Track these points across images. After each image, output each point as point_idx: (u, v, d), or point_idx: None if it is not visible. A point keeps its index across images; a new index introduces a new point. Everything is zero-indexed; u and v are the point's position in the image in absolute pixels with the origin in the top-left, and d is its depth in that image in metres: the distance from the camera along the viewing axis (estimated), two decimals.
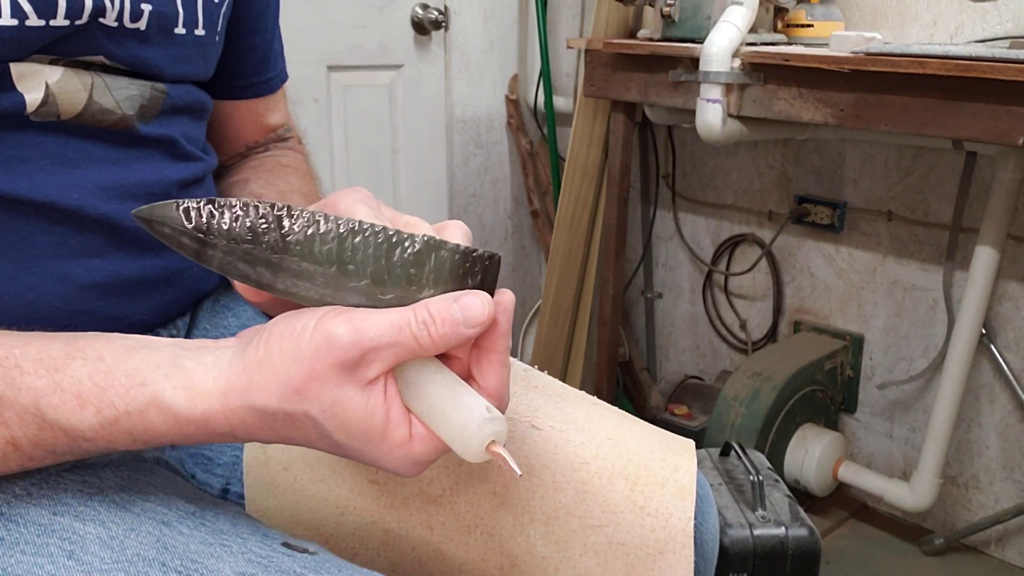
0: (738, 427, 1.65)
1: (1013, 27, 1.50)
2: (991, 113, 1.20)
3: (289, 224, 0.45)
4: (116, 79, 0.59)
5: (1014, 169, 1.47)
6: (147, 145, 0.62)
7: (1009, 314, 1.63)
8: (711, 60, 1.44)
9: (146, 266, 0.61)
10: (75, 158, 0.57)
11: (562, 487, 0.54)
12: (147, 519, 0.49)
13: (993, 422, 1.69)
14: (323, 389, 0.43)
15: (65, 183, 0.56)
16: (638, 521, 0.53)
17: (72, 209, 0.56)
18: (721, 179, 2.03)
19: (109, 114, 0.58)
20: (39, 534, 0.47)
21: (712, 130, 1.49)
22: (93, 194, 0.57)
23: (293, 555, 0.48)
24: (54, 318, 0.56)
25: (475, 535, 0.54)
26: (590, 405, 0.59)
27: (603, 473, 0.54)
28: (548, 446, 0.55)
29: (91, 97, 0.57)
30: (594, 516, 0.53)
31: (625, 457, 0.55)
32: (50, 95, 0.55)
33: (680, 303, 2.19)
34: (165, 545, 0.47)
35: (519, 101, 2.28)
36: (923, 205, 1.71)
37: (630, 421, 0.59)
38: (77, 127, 0.57)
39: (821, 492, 1.76)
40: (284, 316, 0.46)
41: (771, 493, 1.24)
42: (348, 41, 1.91)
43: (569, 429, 0.56)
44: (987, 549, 1.72)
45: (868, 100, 1.32)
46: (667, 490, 0.54)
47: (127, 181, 0.60)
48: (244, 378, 0.45)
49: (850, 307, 1.86)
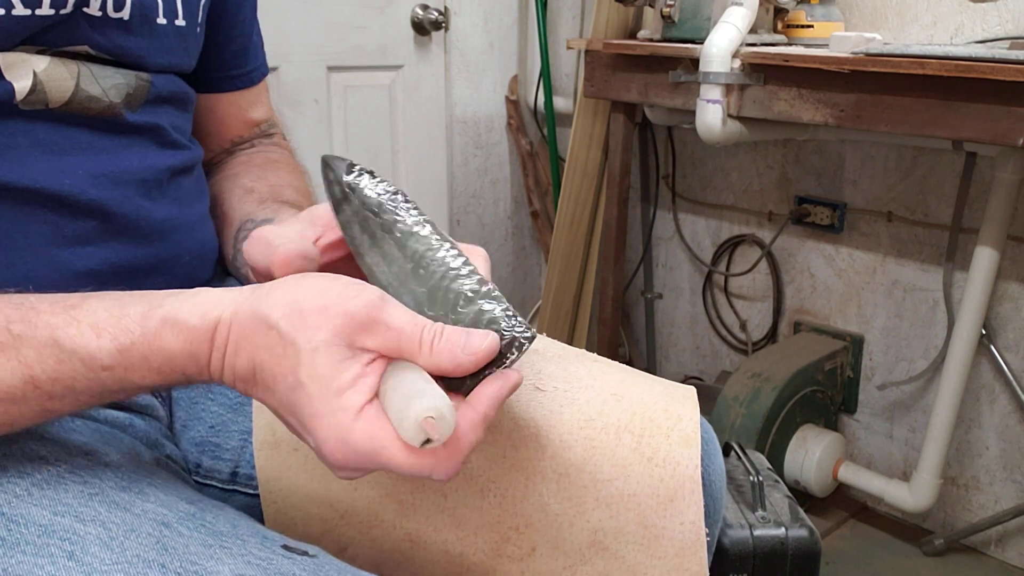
0: (738, 427, 1.65)
1: (1013, 28, 1.50)
2: (991, 114, 1.20)
3: (404, 215, 0.52)
4: (102, 68, 0.60)
5: (1014, 170, 1.47)
6: (134, 133, 0.63)
7: (1009, 315, 1.63)
8: (711, 61, 1.44)
9: (138, 254, 0.62)
10: (64, 145, 0.58)
11: (570, 445, 0.55)
12: (147, 520, 0.49)
13: (993, 423, 1.69)
14: (322, 324, 0.45)
15: (55, 170, 0.57)
16: (647, 472, 0.54)
17: (63, 196, 0.57)
18: (721, 180, 2.03)
19: (96, 101, 0.59)
20: (39, 534, 0.47)
21: (712, 131, 1.49)
22: (84, 180, 0.58)
23: (292, 557, 0.49)
24: None
25: (488, 498, 0.55)
26: (591, 362, 0.61)
27: (609, 428, 0.55)
28: (553, 406, 0.56)
29: (78, 85, 0.58)
30: (604, 471, 0.54)
31: (630, 411, 0.56)
32: (38, 83, 0.56)
33: (680, 304, 2.19)
34: (165, 546, 0.47)
35: (519, 102, 2.28)
36: (923, 206, 1.71)
37: (632, 375, 0.60)
38: (65, 115, 0.58)
39: (821, 493, 1.76)
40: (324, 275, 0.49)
41: (771, 494, 1.24)
42: (348, 42, 1.91)
43: (572, 388, 0.57)
44: (987, 550, 1.72)
45: (868, 101, 1.32)
46: (672, 440, 0.55)
47: (116, 168, 0.60)
48: (264, 291, 0.47)
49: (850, 308, 1.86)
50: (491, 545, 0.55)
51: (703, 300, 2.13)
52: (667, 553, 0.54)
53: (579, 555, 0.55)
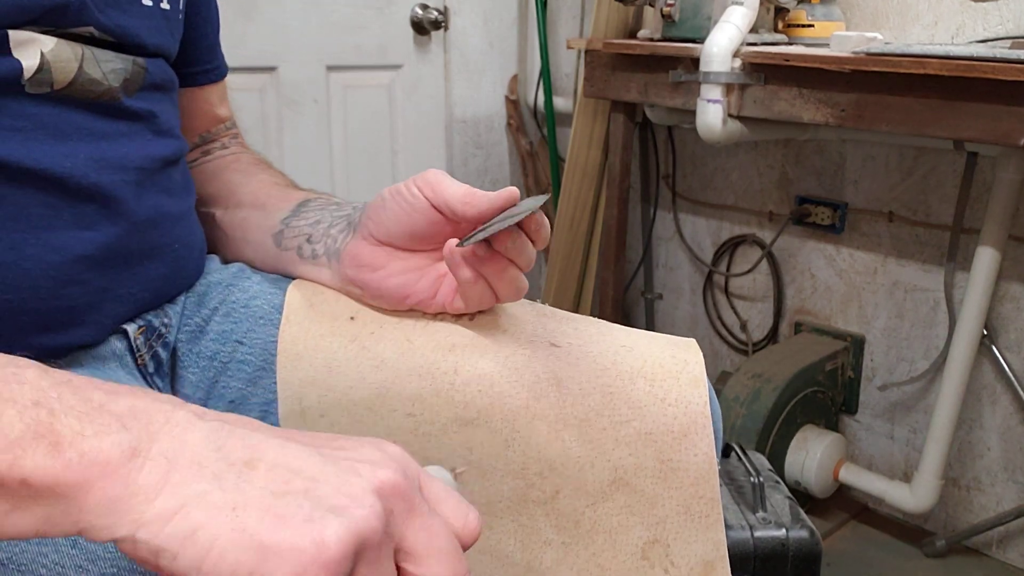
0: (738, 428, 1.64)
1: (1014, 27, 1.49)
2: (992, 113, 1.20)
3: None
4: (103, 51, 0.61)
5: (1015, 170, 1.47)
6: (131, 119, 0.64)
7: (1010, 315, 1.62)
8: (711, 60, 1.43)
9: (133, 240, 0.63)
10: (67, 130, 0.59)
11: (589, 392, 0.59)
12: None
13: (994, 423, 1.68)
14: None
15: (58, 153, 0.58)
16: (661, 411, 0.59)
17: (65, 178, 0.58)
18: (721, 180, 2.03)
19: (97, 84, 0.61)
20: None
21: (712, 130, 1.48)
22: (85, 164, 0.59)
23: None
24: (48, 288, 0.57)
25: (513, 448, 0.58)
26: (599, 323, 0.66)
27: (624, 375, 0.60)
28: (570, 359, 0.60)
29: (81, 67, 0.59)
30: (621, 413, 0.59)
31: (641, 359, 0.61)
32: (45, 62, 0.57)
33: (680, 304, 2.18)
34: None
35: (519, 101, 2.28)
36: (924, 206, 1.71)
37: (637, 332, 0.65)
38: (68, 98, 0.59)
39: (822, 494, 1.76)
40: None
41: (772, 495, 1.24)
42: (348, 41, 1.91)
43: (585, 343, 0.62)
44: (988, 551, 1.72)
45: (869, 100, 1.32)
46: (682, 381, 0.60)
47: (115, 154, 0.62)
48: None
49: (851, 308, 1.86)
50: (516, 492, 0.58)
51: (703, 300, 2.13)
52: (683, 483, 0.59)
53: (601, 493, 0.59)
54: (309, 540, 0.34)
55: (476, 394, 0.58)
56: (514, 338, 0.61)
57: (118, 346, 0.64)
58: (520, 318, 0.63)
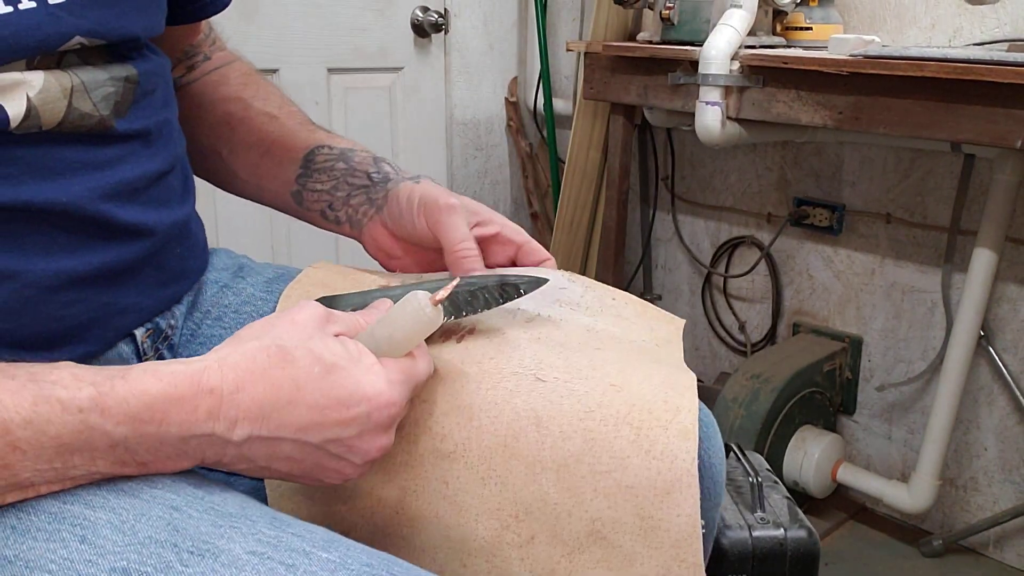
0: (737, 429, 1.65)
1: (1011, 30, 1.50)
2: (989, 116, 1.20)
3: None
4: (93, 74, 0.59)
5: (1012, 171, 1.47)
6: (124, 141, 0.62)
7: (1007, 316, 1.63)
8: (710, 63, 1.44)
9: (132, 251, 0.62)
10: (58, 168, 0.57)
11: (570, 436, 0.56)
12: (156, 504, 0.49)
13: (992, 424, 1.69)
14: (301, 329, 0.52)
15: (51, 191, 0.56)
16: (644, 464, 0.55)
17: (60, 211, 0.57)
18: (720, 181, 2.04)
19: (88, 118, 0.59)
20: (50, 521, 0.47)
21: (711, 132, 1.49)
22: (80, 196, 0.58)
23: (302, 535, 0.49)
24: (48, 311, 0.57)
25: (489, 486, 0.56)
26: (593, 351, 0.62)
27: (608, 420, 0.56)
28: (553, 397, 0.57)
29: (70, 104, 0.57)
30: (602, 462, 0.56)
31: (629, 402, 0.57)
32: (32, 107, 0.55)
33: (679, 305, 2.19)
34: (176, 527, 0.48)
35: (519, 104, 2.28)
36: (921, 207, 1.71)
37: (633, 364, 0.61)
38: (58, 135, 0.57)
39: (820, 494, 1.76)
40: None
41: (770, 495, 1.24)
42: (348, 44, 1.91)
43: (573, 379, 0.58)
44: (985, 551, 1.73)
45: (866, 103, 1.33)
46: (670, 432, 0.56)
47: (110, 182, 0.60)
48: (231, 339, 0.51)
49: (849, 309, 1.86)
50: (491, 532, 0.56)
51: (702, 301, 2.13)
52: (663, 544, 0.55)
53: (577, 543, 0.56)
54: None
55: (454, 426, 0.57)
56: (499, 367, 0.59)
57: (125, 350, 0.64)
58: (513, 340, 0.61)
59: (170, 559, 0.46)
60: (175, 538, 0.47)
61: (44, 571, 0.46)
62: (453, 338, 0.61)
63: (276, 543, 0.48)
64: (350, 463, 0.52)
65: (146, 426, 0.47)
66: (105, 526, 0.47)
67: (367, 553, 0.50)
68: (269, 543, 0.48)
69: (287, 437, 0.50)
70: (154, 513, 0.48)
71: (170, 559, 0.46)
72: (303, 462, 0.52)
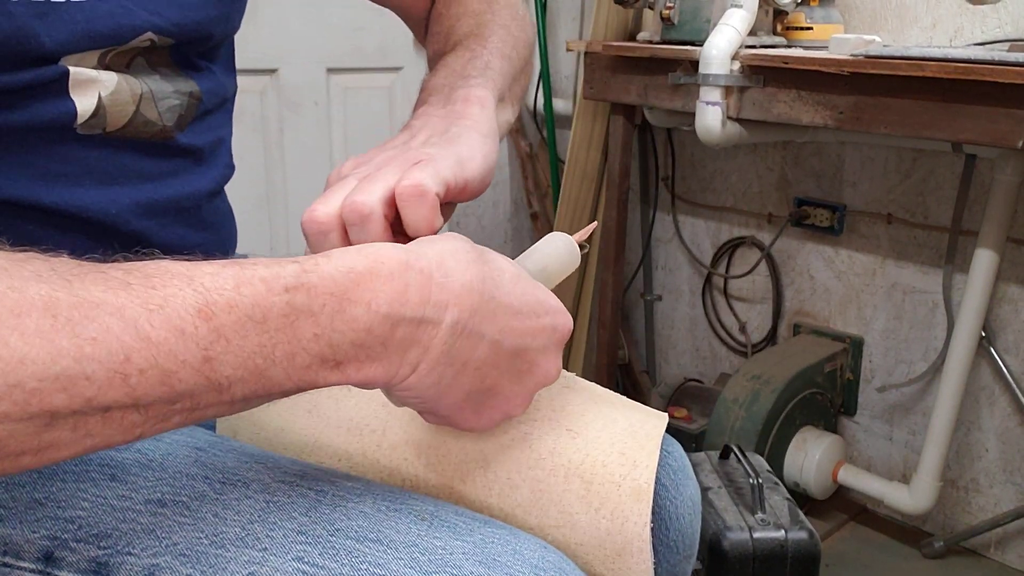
0: (737, 430, 1.65)
1: (1012, 30, 1.50)
2: (990, 116, 1.20)
3: None
4: (161, 84, 0.59)
5: (1013, 172, 1.47)
6: (180, 155, 0.62)
7: (1009, 317, 1.63)
8: (710, 63, 1.44)
9: None
10: (114, 174, 0.57)
11: (517, 485, 0.53)
12: (180, 446, 0.51)
13: (993, 425, 1.69)
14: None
15: (104, 199, 0.57)
16: (593, 523, 0.52)
17: (107, 224, 0.57)
18: (720, 181, 2.03)
19: (152, 125, 0.59)
20: (76, 463, 0.48)
21: (711, 133, 1.49)
22: (128, 210, 0.58)
23: (323, 471, 0.51)
24: None
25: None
26: (558, 391, 0.58)
27: (558, 471, 0.53)
28: (505, 440, 0.54)
29: (138, 109, 0.57)
30: (550, 516, 0.53)
31: (583, 452, 0.54)
32: (101, 106, 0.55)
33: (679, 306, 2.19)
34: (204, 463, 0.49)
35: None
36: (923, 208, 1.71)
37: (597, 406, 0.58)
38: (119, 140, 0.57)
39: (821, 495, 1.76)
40: None
41: (771, 496, 1.24)
42: (348, 43, 1.91)
43: (528, 420, 0.55)
44: (987, 552, 1.72)
45: (867, 103, 1.32)
46: (623, 491, 0.53)
47: (160, 197, 0.60)
48: (415, 242, 0.48)
49: (850, 310, 1.86)
50: None
51: (702, 302, 2.13)
52: None
53: None
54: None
55: (401, 462, 0.55)
56: None
57: None
58: None
59: (203, 489, 0.47)
60: (205, 471, 0.49)
61: (77, 509, 0.46)
62: None
63: (303, 474, 0.50)
64: (524, 389, 0.49)
65: (354, 307, 0.40)
66: (133, 465, 0.49)
67: (386, 485, 0.52)
68: (296, 474, 0.50)
69: (487, 335, 0.45)
70: (180, 453, 0.50)
71: (203, 489, 0.47)
72: (488, 376, 0.47)
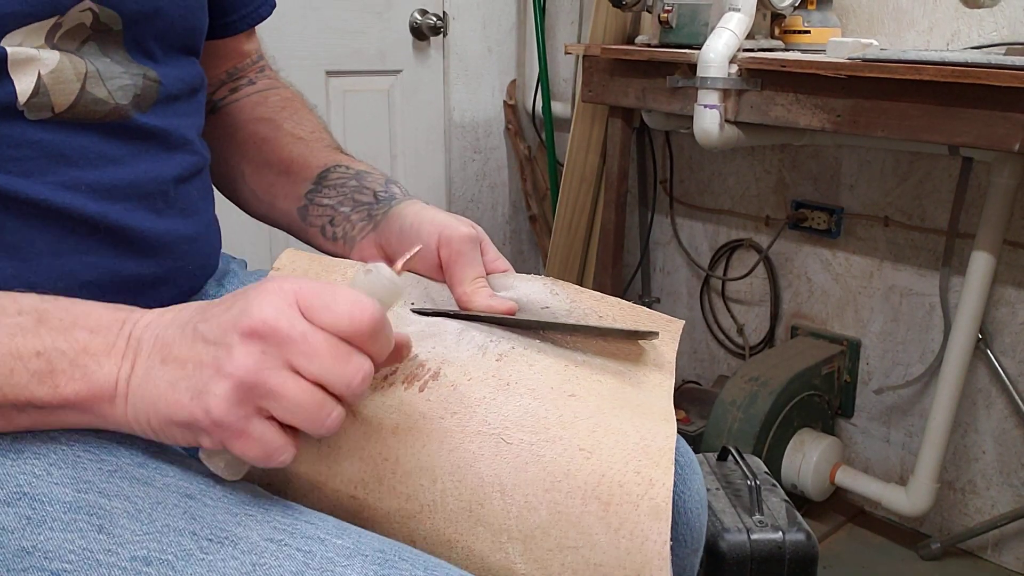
0: (735, 432, 1.65)
1: (1009, 33, 1.51)
2: (987, 119, 1.21)
3: None
4: (110, 66, 0.58)
5: (1010, 175, 1.48)
6: (143, 138, 0.61)
7: (1005, 319, 1.63)
8: (708, 66, 1.44)
9: (143, 266, 0.61)
10: (71, 156, 0.57)
11: (535, 507, 0.54)
12: (171, 492, 0.49)
13: (990, 427, 1.69)
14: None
15: (59, 183, 0.56)
16: (613, 543, 0.53)
17: (66, 209, 0.56)
18: (718, 184, 2.04)
19: (102, 104, 0.58)
20: (65, 511, 0.47)
21: (709, 136, 1.49)
22: (87, 195, 0.57)
23: (315, 523, 0.50)
24: None
25: (456, 550, 0.55)
26: (566, 400, 0.58)
27: (575, 493, 0.54)
28: (518, 462, 0.55)
29: (83, 87, 0.56)
30: (569, 537, 0.53)
31: (599, 472, 0.54)
32: (42, 85, 0.54)
33: (677, 308, 2.19)
34: (192, 516, 0.48)
35: (517, 106, 2.28)
36: (920, 211, 1.72)
37: (607, 419, 0.58)
38: (71, 122, 0.56)
39: (818, 497, 1.76)
40: None
41: (768, 498, 1.24)
42: (347, 47, 1.91)
43: (540, 440, 0.55)
44: (984, 554, 1.73)
45: (865, 106, 1.33)
46: (641, 511, 0.53)
47: (122, 180, 0.59)
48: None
49: (847, 312, 1.87)
50: None
51: (700, 304, 2.13)
52: None
53: None
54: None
55: (418, 488, 0.55)
56: (462, 425, 0.56)
57: None
58: (478, 390, 0.57)
59: (190, 547, 0.46)
60: (193, 526, 0.47)
61: (64, 561, 0.45)
62: (416, 384, 0.57)
63: (291, 530, 0.49)
64: (223, 363, 0.46)
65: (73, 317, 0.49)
66: (122, 515, 0.47)
67: (378, 540, 0.50)
68: (285, 530, 0.48)
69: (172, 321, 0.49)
70: (170, 501, 0.48)
71: (190, 547, 0.46)
72: (181, 357, 0.48)
